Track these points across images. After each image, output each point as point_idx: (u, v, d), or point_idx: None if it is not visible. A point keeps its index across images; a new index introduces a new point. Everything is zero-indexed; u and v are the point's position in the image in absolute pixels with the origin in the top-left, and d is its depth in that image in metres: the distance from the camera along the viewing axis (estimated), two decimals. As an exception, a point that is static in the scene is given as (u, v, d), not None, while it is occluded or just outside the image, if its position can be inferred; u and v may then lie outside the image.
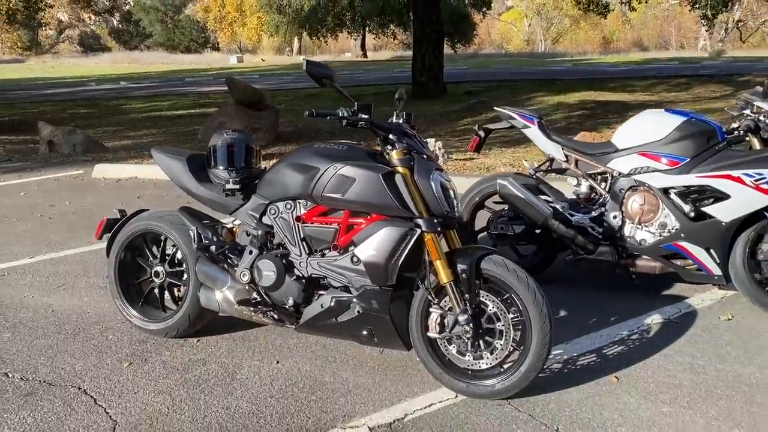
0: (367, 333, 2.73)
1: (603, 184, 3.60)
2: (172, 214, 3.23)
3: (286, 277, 2.84)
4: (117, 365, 3.01)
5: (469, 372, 2.64)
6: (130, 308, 3.29)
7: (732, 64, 23.97)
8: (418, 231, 2.60)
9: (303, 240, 2.84)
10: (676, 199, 3.37)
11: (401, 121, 2.77)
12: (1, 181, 7.43)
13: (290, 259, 2.86)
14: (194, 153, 3.25)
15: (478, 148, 4.01)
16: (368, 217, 2.69)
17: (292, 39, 42.96)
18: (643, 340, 3.14)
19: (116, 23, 54.49)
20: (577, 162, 3.66)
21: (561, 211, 3.56)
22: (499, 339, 2.59)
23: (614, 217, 3.50)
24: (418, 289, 2.69)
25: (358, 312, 2.70)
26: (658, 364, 2.90)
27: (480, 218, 4.05)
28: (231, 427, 2.50)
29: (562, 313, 3.44)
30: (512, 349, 2.59)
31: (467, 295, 2.58)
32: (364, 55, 42.52)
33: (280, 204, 2.88)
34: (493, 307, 2.59)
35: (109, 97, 17.63)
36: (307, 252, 2.83)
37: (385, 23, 37.23)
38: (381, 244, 2.62)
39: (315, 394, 2.72)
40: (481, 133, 3.96)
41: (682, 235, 3.37)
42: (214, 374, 2.90)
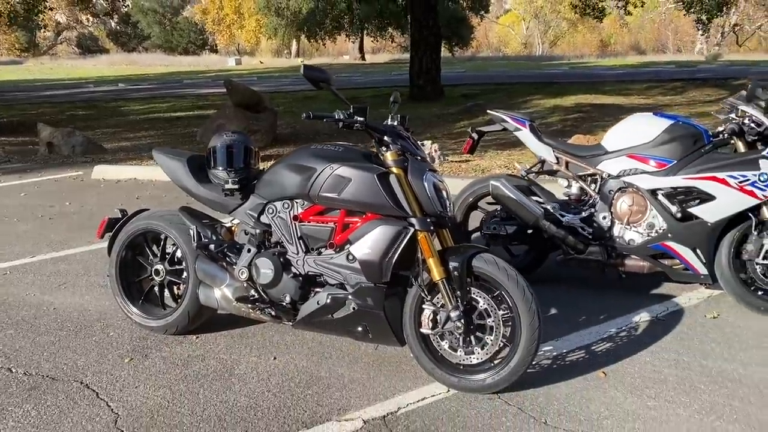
0: (362, 329, 2.81)
1: (593, 186, 3.69)
2: (172, 214, 3.30)
3: (284, 274, 2.92)
4: (118, 361, 3.08)
5: (461, 367, 2.72)
6: (130, 305, 3.37)
7: (728, 68, 24.09)
8: (412, 230, 2.68)
9: (300, 238, 2.92)
10: (664, 200, 3.46)
11: (396, 124, 2.86)
12: (1, 182, 7.50)
13: (287, 257, 2.94)
14: (194, 154, 3.33)
15: (472, 149, 4.10)
16: (363, 216, 2.77)
17: (291, 41, 43.04)
18: (631, 337, 3.22)
19: (114, 25, 54.50)
20: (567, 164, 3.75)
21: (552, 211, 3.65)
22: (490, 335, 2.67)
23: (603, 218, 3.59)
24: (412, 287, 2.77)
25: (354, 309, 2.78)
26: (645, 360, 2.99)
27: (474, 219, 4.13)
28: (229, 420, 2.57)
29: (553, 311, 3.53)
30: (502, 345, 2.67)
31: (459, 292, 2.66)
32: (363, 57, 42.62)
33: (278, 203, 2.97)
34: (484, 304, 2.67)
35: (107, 99, 17.69)
36: (304, 250, 2.91)
37: (383, 26, 37.32)
38: (376, 243, 2.70)
39: (311, 388, 2.80)
40: (475, 136, 4.05)
41: (670, 235, 3.46)
42: (213, 370, 2.98)
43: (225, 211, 3.16)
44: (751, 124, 3.39)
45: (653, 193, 3.49)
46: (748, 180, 3.29)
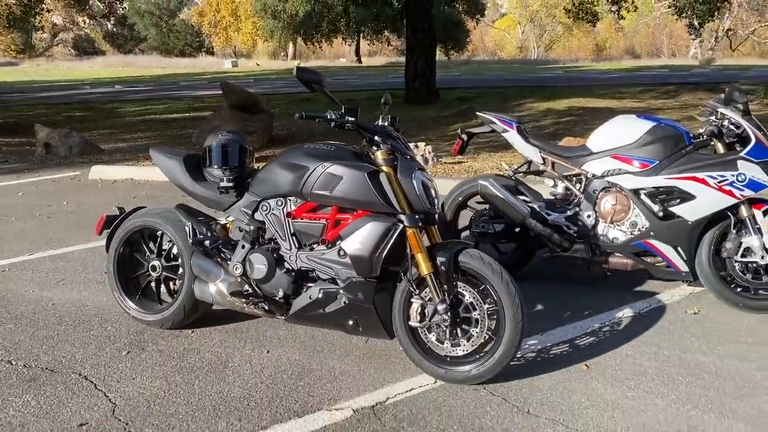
0: (353, 323, 2.90)
1: (578, 186, 3.79)
2: (169, 211, 3.40)
3: (277, 270, 3.02)
4: (116, 354, 3.17)
5: (448, 359, 2.82)
6: (128, 300, 3.46)
7: (721, 72, 24.33)
8: (401, 226, 2.79)
9: (293, 235, 3.02)
10: (646, 200, 3.57)
11: (386, 124, 2.96)
12: (-1, 182, 7.57)
13: (281, 253, 3.04)
14: (190, 153, 3.42)
15: (462, 150, 4.21)
16: (354, 213, 2.87)
17: (287, 44, 43.14)
18: (614, 332, 3.33)
19: (111, 27, 54.53)
20: (553, 164, 3.86)
21: (538, 210, 3.75)
22: (475, 327, 2.77)
23: (588, 217, 3.70)
24: (401, 281, 2.87)
25: (345, 303, 2.88)
26: (626, 353, 3.09)
27: (463, 217, 4.23)
28: (223, 409, 2.66)
29: (539, 306, 3.63)
30: (487, 337, 2.77)
31: (446, 286, 2.75)
32: (359, 60, 42.75)
33: (272, 201, 3.06)
34: (470, 298, 2.77)
35: (104, 100, 17.75)
36: (297, 246, 3.01)
37: (379, 29, 37.43)
38: (366, 238, 2.80)
39: (303, 380, 2.89)
40: (464, 137, 4.16)
41: (652, 233, 3.56)
42: (208, 362, 3.07)
43: (220, 209, 3.25)
44: (730, 126, 3.50)
45: (636, 192, 3.59)
46: (727, 180, 3.40)
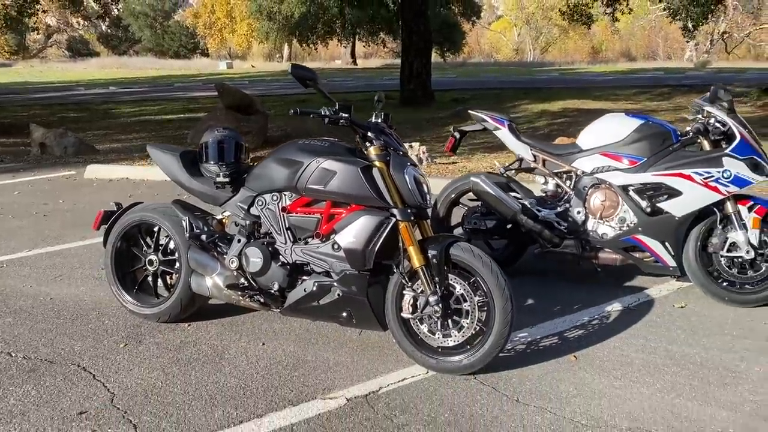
0: (347, 315, 2.97)
1: (568, 182, 3.86)
2: (166, 206, 3.45)
3: (272, 263, 3.08)
4: (113, 346, 3.22)
5: (439, 349, 2.88)
6: (125, 294, 3.51)
7: (716, 75, 24.52)
8: (393, 220, 2.85)
9: (288, 229, 3.08)
10: (634, 196, 3.65)
11: (380, 121, 3.03)
12: (-5, 181, 7.60)
13: (276, 246, 3.10)
14: (187, 149, 3.48)
15: (454, 148, 4.27)
16: (348, 207, 2.93)
17: (282, 46, 43.23)
18: (602, 325, 3.40)
19: (105, 28, 54.46)
20: (544, 162, 3.93)
21: (529, 207, 3.82)
22: (466, 318, 2.84)
23: (578, 213, 3.77)
24: (394, 274, 2.93)
25: (339, 295, 2.94)
26: (614, 345, 3.16)
27: (456, 214, 4.30)
28: (219, 399, 2.72)
29: (530, 301, 3.70)
30: (478, 328, 2.84)
31: (437, 279, 2.82)
32: (354, 62, 42.86)
33: (267, 196, 3.13)
34: (461, 289, 2.84)
35: (98, 102, 17.78)
36: (292, 240, 3.07)
37: (374, 31, 37.60)
38: (359, 232, 2.86)
39: (297, 370, 2.95)
40: (457, 135, 4.23)
41: (640, 229, 3.64)
42: (205, 354, 3.13)
43: (216, 204, 3.31)
44: (716, 124, 3.58)
45: (624, 189, 3.67)
46: (713, 177, 3.48)
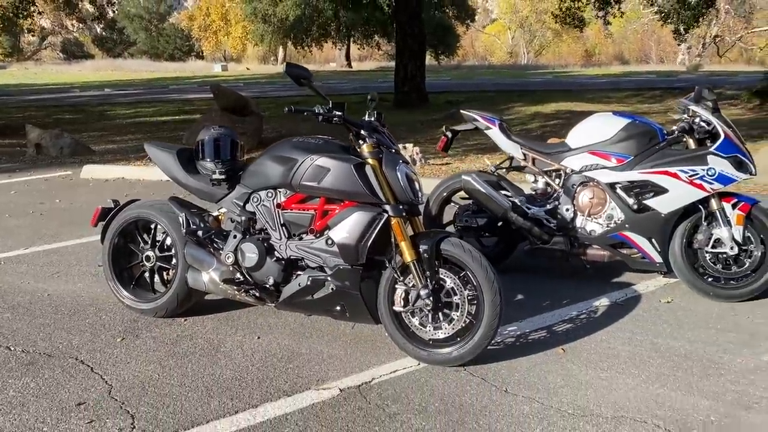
0: (340, 308, 3.04)
1: (557, 180, 3.95)
2: (162, 203, 3.52)
3: (267, 258, 3.15)
4: (111, 340, 3.28)
5: (430, 342, 2.96)
6: (122, 290, 3.57)
7: (707, 78, 24.65)
8: (386, 215, 2.92)
9: (283, 225, 3.15)
10: (622, 193, 3.73)
11: (373, 120, 3.10)
12: (-9, 181, 7.64)
13: (271, 242, 3.17)
14: (183, 147, 3.55)
15: (447, 147, 4.35)
16: (341, 203, 3.01)
17: (277, 48, 43.27)
18: (590, 319, 3.48)
19: (100, 30, 54.37)
20: (534, 160, 4.01)
21: (519, 204, 3.90)
22: (456, 311, 2.91)
23: (567, 210, 3.85)
24: (386, 269, 3.00)
25: (332, 289, 3.01)
26: (601, 338, 3.24)
27: (448, 212, 4.37)
28: (215, 390, 2.78)
29: (519, 296, 3.78)
30: (468, 321, 2.91)
31: (428, 273, 2.89)
32: (349, 65, 42.93)
33: (262, 193, 3.19)
34: (451, 283, 2.91)
35: (93, 103, 17.80)
36: (287, 236, 3.14)
37: (369, 34, 37.66)
38: (353, 227, 2.93)
39: (292, 363, 3.02)
40: (449, 134, 4.31)
41: (627, 225, 3.72)
42: (201, 347, 3.19)
43: (212, 200, 3.38)
44: (701, 123, 3.67)
45: (612, 186, 3.75)
46: (698, 174, 3.57)
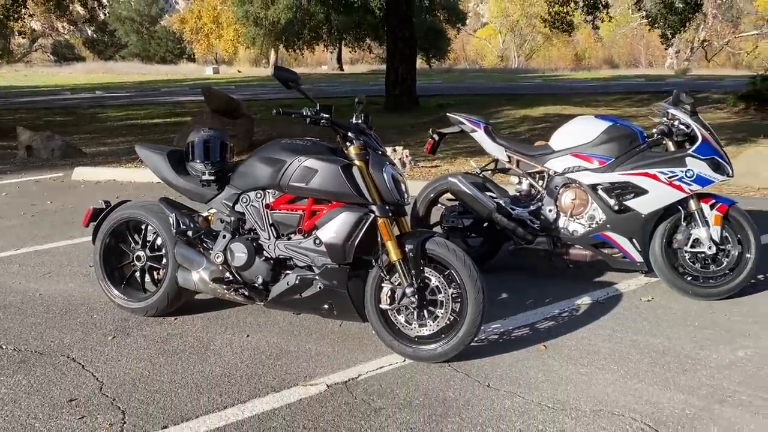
0: (328, 307, 3.11)
1: (540, 182, 4.04)
2: (153, 204, 3.58)
3: (256, 258, 3.21)
4: (102, 339, 3.33)
5: (416, 339, 3.03)
6: (113, 289, 3.62)
7: (695, 82, 24.88)
8: (372, 216, 3.00)
9: (271, 225, 3.21)
10: (603, 195, 3.82)
11: (360, 122, 3.17)
12: (-18, 183, 7.65)
13: (260, 242, 3.23)
14: (174, 148, 3.61)
15: (433, 149, 4.43)
16: (329, 204, 3.08)
17: (269, 51, 43.24)
18: (572, 317, 3.56)
19: (91, 33, 54.17)
20: (518, 162, 4.10)
21: (503, 205, 3.99)
22: (441, 309, 2.99)
23: (550, 211, 3.94)
24: (373, 268, 3.08)
25: (320, 288, 3.08)
26: (582, 335, 3.32)
27: (435, 214, 4.45)
28: (205, 386, 2.84)
29: (504, 295, 3.86)
30: (452, 318, 2.99)
31: (414, 272, 2.97)
32: (341, 68, 42.98)
33: (251, 193, 3.26)
34: (436, 282, 2.99)
35: (84, 106, 17.77)
36: (275, 236, 3.20)
37: (360, 37, 37.75)
38: (340, 227, 3.01)
39: (280, 360, 3.08)
40: (435, 137, 4.39)
41: (608, 226, 3.81)
42: (190, 345, 3.25)
43: (202, 201, 3.44)
44: (680, 126, 3.77)
45: (593, 188, 3.84)
46: (676, 176, 3.66)
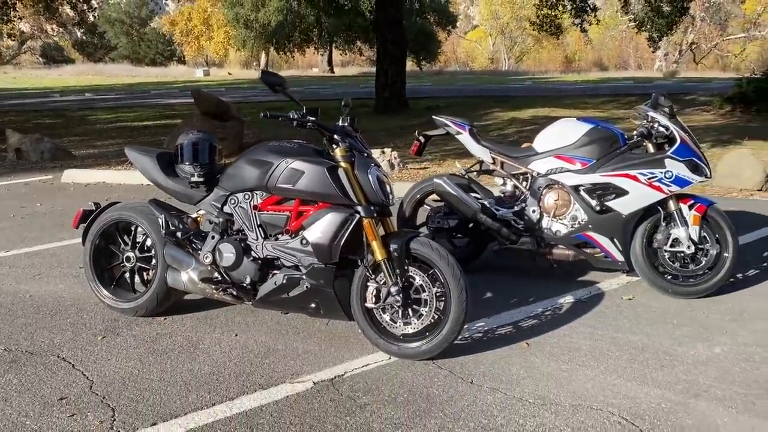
0: (315, 305, 3.17)
1: (524, 183, 4.12)
2: (143, 205, 3.63)
3: (244, 258, 3.27)
4: (92, 339, 3.38)
5: (400, 337, 3.10)
6: (103, 290, 3.66)
7: (683, 84, 25.17)
8: (358, 216, 3.06)
9: (259, 226, 3.27)
10: (585, 195, 3.91)
11: (346, 125, 3.24)
12: (-29, 186, 7.65)
13: (248, 242, 3.29)
14: (163, 150, 3.66)
15: (419, 151, 4.50)
16: (315, 205, 3.14)
17: (259, 54, 43.28)
18: (554, 316, 3.64)
19: (80, 35, 53.95)
20: (502, 164, 4.18)
21: (488, 206, 4.06)
22: (425, 307, 3.05)
23: (533, 212, 4.02)
24: (359, 268, 3.14)
25: (307, 287, 3.14)
26: (564, 333, 3.40)
27: (421, 215, 4.52)
28: (194, 384, 2.90)
29: (488, 294, 3.93)
30: (436, 317, 3.05)
31: (398, 271, 3.03)
32: (331, 70, 43.08)
33: (239, 195, 3.32)
34: (420, 281, 3.06)
35: (74, 108, 17.73)
36: (263, 236, 3.26)
37: (351, 39, 37.86)
38: (326, 228, 3.07)
39: (268, 358, 3.14)
40: (421, 139, 4.46)
41: (590, 226, 3.90)
42: (179, 345, 3.30)
43: (191, 203, 3.49)
44: (659, 128, 3.86)
45: (576, 189, 3.93)
46: (656, 177, 3.75)
